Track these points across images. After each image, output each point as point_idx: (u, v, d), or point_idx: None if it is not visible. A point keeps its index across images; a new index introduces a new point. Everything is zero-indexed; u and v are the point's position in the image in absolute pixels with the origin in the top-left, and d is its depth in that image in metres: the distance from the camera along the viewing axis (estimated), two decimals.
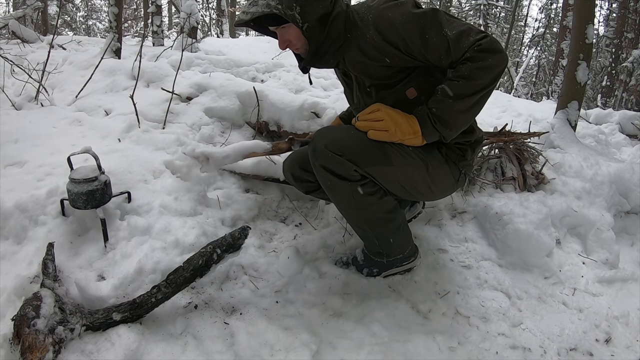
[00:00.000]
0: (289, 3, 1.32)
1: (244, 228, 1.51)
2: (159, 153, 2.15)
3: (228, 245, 1.46)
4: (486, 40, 1.31)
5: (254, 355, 1.32)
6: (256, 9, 1.33)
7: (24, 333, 1.14)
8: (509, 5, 16.39)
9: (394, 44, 1.37)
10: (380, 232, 1.57)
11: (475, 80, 1.32)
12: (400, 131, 1.40)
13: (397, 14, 1.36)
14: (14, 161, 1.99)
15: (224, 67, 3.98)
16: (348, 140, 1.41)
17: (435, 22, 1.33)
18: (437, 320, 1.54)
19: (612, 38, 11.36)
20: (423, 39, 1.34)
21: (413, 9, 1.36)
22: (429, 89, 1.44)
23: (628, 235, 2.19)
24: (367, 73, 1.48)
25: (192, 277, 1.40)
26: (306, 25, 1.36)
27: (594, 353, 1.46)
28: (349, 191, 1.44)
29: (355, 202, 1.46)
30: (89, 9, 20.87)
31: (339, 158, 1.38)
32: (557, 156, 2.38)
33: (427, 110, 1.39)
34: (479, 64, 1.31)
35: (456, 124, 1.40)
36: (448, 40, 1.32)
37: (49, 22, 12.00)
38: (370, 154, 1.41)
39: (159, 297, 1.35)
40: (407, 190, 1.52)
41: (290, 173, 1.77)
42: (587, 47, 2.99)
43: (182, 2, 6.51)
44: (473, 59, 1.31)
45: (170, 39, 9.36)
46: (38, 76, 2.98)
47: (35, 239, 1.58)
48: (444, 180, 1.57)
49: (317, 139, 1.43)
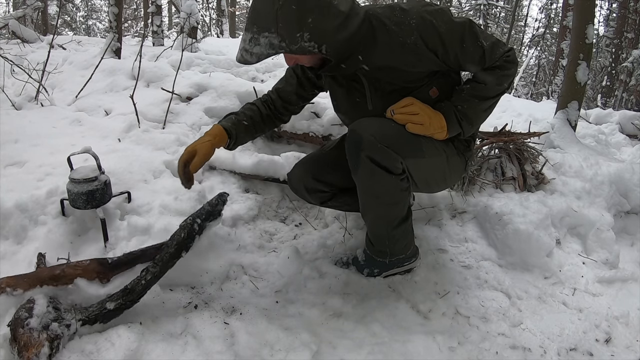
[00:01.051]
0: (292, 37, 1.23)
1: (221, 194, 1.50)
2: (159, 153, 2.15)
3: (207, 214, 1.45)
4: (512, 52, 1.48)
5: (254, 355, 1.32)
6: (260, 50, 1.25)
7: (19, 333, 1.15)
8: (509, 5, 16.39)
9: (433, 50, 1.39)
10: (396, 231, 1.59)
11: (499, 86, 1.48)
12: (432, 125, 1.46)
13: (441, 22, 1.37)
14: (14, 161, 1.99)
15: (224, 67, 3.98)
16: (391, 131, 1.42)
17: (472, 32, 1.40)
18: (437, 320, 1.54)
19: (612, 38, 11.36)
20: (462, 47, 1.40)
21: (454, 18, 1.41)
22: (447, 87, 1.52)
23: (628, 235, 2.19)
24: (396, 77, 1.45)
25: (178, 251, 1.38)
26: (324, 47, 1.28)
27: (594, 353, 1.46)
28: (392, 185, 1.44)
29: (395, 198, 1.49)
30: (89, 9, 20.88)
31: (387, 149, 1.38)
32: (557, 156, 2.38)
33: (454, 107, 1.47)
34: (505, 72, 1.47)
35: (478, 121, 1.54)
36: (484, 49, 1.41)
37: (49, 22, 12.00)
38: (410, 146, 1.44)
39: (149, 278, 1.34)
40: (429, 182, 1.60)
41: (302, 185, 1.72)
42: (587, 47, 2.99)
43: (182, 2, 6.51)
44: (502, 67, 1.46)
45: (170, 39, 9.36)
46: (38, 76, 2.99)
47: (35, 239, 1.58)
48: (457, 170, 1.65)
49: (359, 129, 1.41)
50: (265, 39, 1.24)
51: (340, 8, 1.27)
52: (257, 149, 2.51)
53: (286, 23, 1.22)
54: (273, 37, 1.23)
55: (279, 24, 1.22)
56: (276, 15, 1.21)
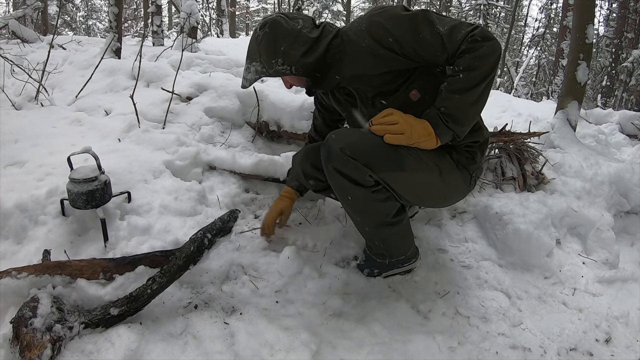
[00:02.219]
0: (268, 63, 1.48)
1: (233, 211, 1.52)
2: (159, 153, 2.15)
3: (218, 230, 1.46)
4: (477, 30, 1.34)
5: (254, 355, 1.32)
6: (251, 76, 1.53)
7: (22, 333, 1.15)
8: (509, 5, 16.39)
9: (389, 48, 1.40)
10: (386, 235, 1.58)
11: (475, 70, 1.34)
12: (415, 133, 1.40)
13: (388, 18, 1.41)
14: (14, 161, 1.99)
15: (224, 67, 3.97)
16: (364, 144, 1.40)
17: (426, 21, 1.38)
18: (437, 320, 1.54)
19: (612, 38, 11.35)
20: (416, 38, 1.37)
21: (403, 12, 1.41)
22: (431, 88, 1.45)
23: (628, 235, 2.19)
24: (368, 83, 1.49)
25: (186, 264, 1.40)
26: (294, 68, 1.48)
27: (594, 353, 1.46)
28: (361, 196, 1.44)
29: (366, 207, 1.48)
30: (89, 9, 20.87)
31: (354, 162, 1.38)
32: (557, 156, 2.38)
33: (437, 111, 1.39)
34: (475, 53, 1.33)
35: (467, 117, 1.41)
36: (441, 35, 1.36)
37: (49, 22, 12.00)
38: (385, 159, 1.40)
39: (155, 288, 1.34)
40: (420, 197, 1.55)
41: (300, 169, 1.79)
42: (587, 47, 2.99)
43: (182, 2, 6.51)
44: (469, 50, 1.34)
45: (170, 38, 9.35)
46: (38, 76, 2.99)
47: (35, 238, 1.58)
48: (456, 186, 1.58)
49: (331, 141, 1.43)
50: (253, 67, 1.52)
51: (310, 35, 1.48)
52: (257, 149, 2.51)
53: (264, 53, 1.48)
54: (258, 65, 1.51)
55: (260, 54, 1.49)
56: (258, 48, 1.49)
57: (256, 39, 1.50)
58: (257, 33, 1.50)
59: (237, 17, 21.48)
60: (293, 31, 1.47)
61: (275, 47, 1.46)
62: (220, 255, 1.70)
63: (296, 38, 1.46)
